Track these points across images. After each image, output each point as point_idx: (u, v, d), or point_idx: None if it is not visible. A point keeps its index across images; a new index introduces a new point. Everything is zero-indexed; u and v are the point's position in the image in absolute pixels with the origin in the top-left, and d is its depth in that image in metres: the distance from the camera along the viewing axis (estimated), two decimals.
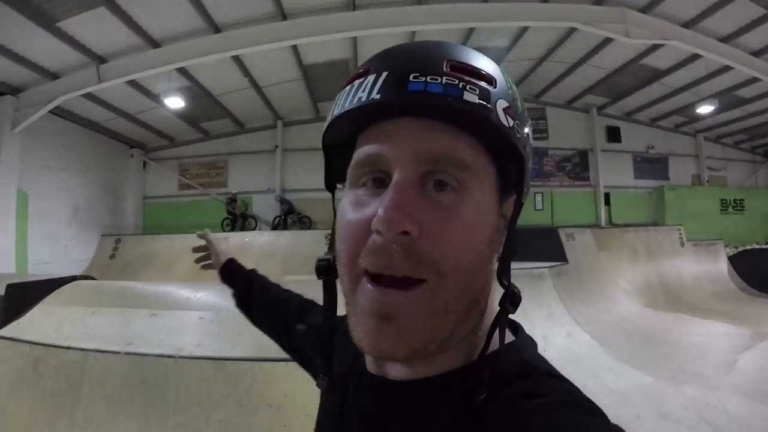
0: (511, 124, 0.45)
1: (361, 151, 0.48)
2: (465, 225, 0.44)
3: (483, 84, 0.45)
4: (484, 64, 0.47)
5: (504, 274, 0.48)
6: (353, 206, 0.47)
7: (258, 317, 1.08)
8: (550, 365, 0.48)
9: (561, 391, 0.43)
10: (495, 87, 0.45)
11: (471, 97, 0.43)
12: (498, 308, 0.49)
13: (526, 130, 0.49)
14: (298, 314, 0.91)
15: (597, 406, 0.42)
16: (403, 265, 0.43)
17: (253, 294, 1.09)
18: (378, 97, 0.44)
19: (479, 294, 0.47)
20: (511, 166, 0.48)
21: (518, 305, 0.48)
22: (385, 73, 0.45)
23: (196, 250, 1.30)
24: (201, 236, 1.30)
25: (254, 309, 1.09)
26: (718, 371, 4.24)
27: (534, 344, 0.53)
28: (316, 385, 0.64)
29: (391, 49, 0.49)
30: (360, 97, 0.46)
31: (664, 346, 5.12)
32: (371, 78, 0.46)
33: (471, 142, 0.46)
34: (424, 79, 0.43)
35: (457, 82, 0.44)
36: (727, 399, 3.72)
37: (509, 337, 0.51)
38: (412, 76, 0.44)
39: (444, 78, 0.44)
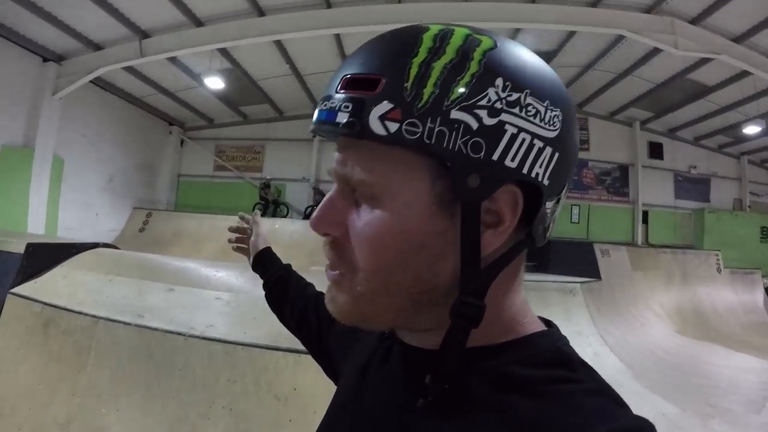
0: (393, 129, 0.42)
1: None
2: (373, 235, 0.46)
3: (359, 94, 0.44)
4: (373, 61, 0.45)
5: (465, 282, 0.45)
6: None
7: (288, 314, 1.03)
8: (581, 357, 0.48)
9: (592, 380, 0.44)
10: (376, 89, 0.43)
11: (342, 117, 0.44)
12: (510, 311, 0.50)
13: (447, 118, 0.42)
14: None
15: (623, 399, 0.42)
16: (331, 256, 0.51)
17: (288, 289, 1.05)
18: (312, 126, 0.49)
19: (424, 292, 0.47)
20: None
21: (477, 320, 0.44)
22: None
23: (233, 230, 1.24)
24: (243, 218, 1.25)
25: (285, 305, 1.04)
26: (748, 408, 4.10)
27: (566, 339, 0.51)
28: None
29: None
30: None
31: (694, 376, 4.91)
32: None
33: (383, 154, 0.44)
34: (324, 105, 0.46)
35: (336, 103, 0.45)
36: None
37: (540, 326, 0.52)
38: (322, 102, 0.47)
39: (331, 101, 0.45)
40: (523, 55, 0.46)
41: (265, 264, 1.12)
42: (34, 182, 8.56)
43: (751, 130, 11.77)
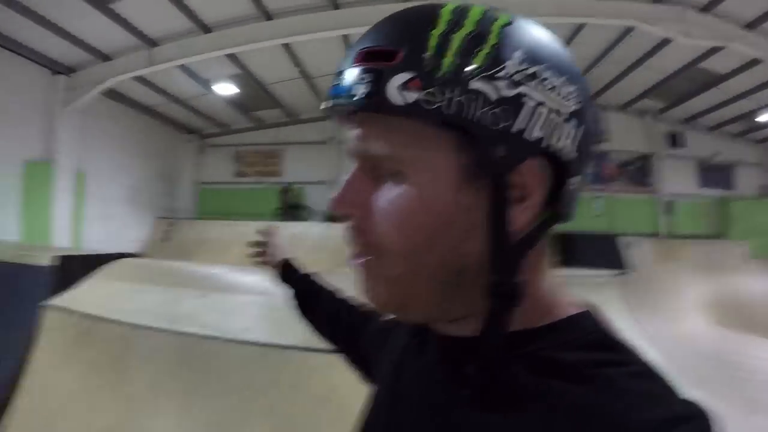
0: (413, 99, 0.41)
1: None
2: (399, 213, 0.45)
3: (376, 66, 0.43)
4: (391, 34, 0.45)
5: (494, 260, 0.44)
6: None
7: (322, 322, 1.05)
8: (624, 339, 0.47)
9: (637, 363, 0.43)
10: (394, 60, 0.42)
11: (359, 89, 0.43)
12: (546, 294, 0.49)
13: (466, 88, 0.41)
14: (364, 323, 0.90)
15: (669, 381, 0.41)
16: (354, 240, 0.49)
17: (319, 298, 1.06)
18: (326, 105, 0.48)
19: (452, 274, 0.46)
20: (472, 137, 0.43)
21: (515, 298, 0.43)
22: None
23: (252, 245, 1.26)
24: (261, 232, 1.26)
25: (318, 314, 1.06)
26: None
27: (608, 320, 0.50)
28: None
29: None
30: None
31: (736, 370, 4.77)
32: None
33: (403, 127, 0.44)
34: (338, 80, 0.45)
35: (351, 76, 0.44)
36: None
37: (579, 307, 0.50)
38: (336, 78, 0.46)
39: (345, 74, 0.45)
40: (540, 32, 0.47)
41: (290, 276, 1.13)
42: (57, 197, 8.68)
43: (766, 117, 11.74)
